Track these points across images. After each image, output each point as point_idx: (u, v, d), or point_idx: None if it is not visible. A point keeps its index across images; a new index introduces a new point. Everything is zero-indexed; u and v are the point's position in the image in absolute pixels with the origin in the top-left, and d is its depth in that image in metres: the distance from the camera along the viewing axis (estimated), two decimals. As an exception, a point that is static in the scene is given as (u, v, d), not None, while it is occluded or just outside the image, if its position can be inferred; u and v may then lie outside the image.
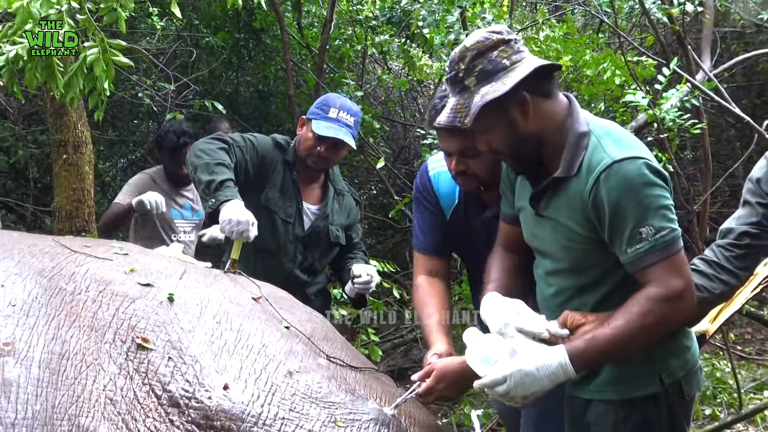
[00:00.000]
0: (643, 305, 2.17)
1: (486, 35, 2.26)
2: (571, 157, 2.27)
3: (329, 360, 2.53)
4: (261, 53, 7.28)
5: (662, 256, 2.17)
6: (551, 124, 2.30)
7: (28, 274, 2.38)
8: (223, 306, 2.56)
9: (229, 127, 6.10)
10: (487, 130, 2.30)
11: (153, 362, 2.26)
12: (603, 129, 2.31)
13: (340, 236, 3.94)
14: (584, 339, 2.20)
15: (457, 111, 2.27)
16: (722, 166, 7.39)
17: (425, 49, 6.31)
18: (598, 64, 5.15)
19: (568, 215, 2.30)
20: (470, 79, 2.25)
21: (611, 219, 2.19)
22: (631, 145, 2.25)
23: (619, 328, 2.17)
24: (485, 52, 2.24)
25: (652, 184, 2.17)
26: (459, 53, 2.29)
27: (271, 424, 2.18)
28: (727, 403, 5.28)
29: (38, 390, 2.05)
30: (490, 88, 2.21)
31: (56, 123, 4.12)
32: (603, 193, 2.18)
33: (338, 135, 3.69)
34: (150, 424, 2.14)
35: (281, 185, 3.83)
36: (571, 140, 2.28)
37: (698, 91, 4.88)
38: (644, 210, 2.16)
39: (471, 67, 2.25)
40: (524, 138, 2.29)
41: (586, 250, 2.32)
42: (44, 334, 2.19)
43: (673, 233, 2.19)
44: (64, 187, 4.15)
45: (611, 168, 2.18)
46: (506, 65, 2.23)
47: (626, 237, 2.18)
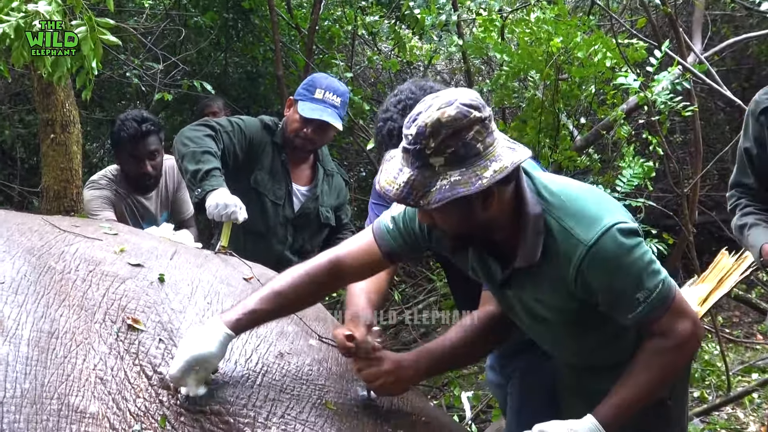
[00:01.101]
0: (660, 360, 2.20)
1: (464, 111, 2.00)
2: (532, 245, 2.16)
3: (321, 341, 2.51)
4: (249, 34, 7.21)
5: (663, 310, 2.18)
6: (505, 210, 2.16)
7: (17, 251, 2.36)
8: (214, 286, 2.54)
9: (223, 106, 6.06)
10: (440, 211, 2.10)
11: (144, 343, 2.25)
12: (556, 203, 2.18)
13: (330, 217, 3.92)
14: (611, 405, 2.19)
15: (414, 188, 2.02)
16: (711, 150, 7.38)
17: (416, 30, 6.26)
18: (589, 46, 5.12)
19: (552, 295, 2.25)
20: (438, 159, 2.00)
21: (605, 298, 2.19)
22: (594, 217, 2.15)
23: (643, 387, 2.20)
24: (461, 133, 1.99)
25: (631, 249, 2.14)
26: (431, 127, 1.99)
27: (261, 405, 2.17)
28: (716, 385, 5.30)
29: (27, 368, 2.04)
30: (460, 177, 1.98)
31: (43, 102, 4.06)
32: (590, 280, 2.15)
33: (323, 117, 3.66)
34: (140, 404, 2.13)
35: (270, 167, 3.80)
36: (525, 226, 2.16)
37: (689, 74, 4.87)
38: (635, 279, 2.14)
39: (442, 147, 1.99)
40: (477, 225, 2.14)
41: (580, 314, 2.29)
42: (33, 312, 2.17)
43: (666, 284, 2.18)
44: (51, 167, 4.09)
45: (589, 255, 2.12)
46: (479, 150, 2.01)
47: (624, 308, 2.18)
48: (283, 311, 2.38)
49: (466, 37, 6.78)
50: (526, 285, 2.26)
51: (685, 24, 6.57)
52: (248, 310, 2.28)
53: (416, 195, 2.02)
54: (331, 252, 2.44)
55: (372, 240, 2.42)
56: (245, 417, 2.14)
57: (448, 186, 1.99)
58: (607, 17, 6.26)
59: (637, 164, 4.69)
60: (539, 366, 2.75)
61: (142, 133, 4.13)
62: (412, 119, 2.05)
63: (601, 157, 5.57)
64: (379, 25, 6.77)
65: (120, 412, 2.10)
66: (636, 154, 4.82)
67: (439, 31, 6.25)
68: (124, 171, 4.25)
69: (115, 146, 4.30)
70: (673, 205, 6.58)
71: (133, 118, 4.17)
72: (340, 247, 2.46)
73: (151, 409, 2.13)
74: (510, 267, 2.24)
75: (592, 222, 2.13)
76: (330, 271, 2.39)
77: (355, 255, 2.42)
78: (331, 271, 2.39)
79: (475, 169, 2.00)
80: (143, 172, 4.17)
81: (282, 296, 2.33)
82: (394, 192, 2.05)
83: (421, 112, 2.04)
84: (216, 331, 2.21)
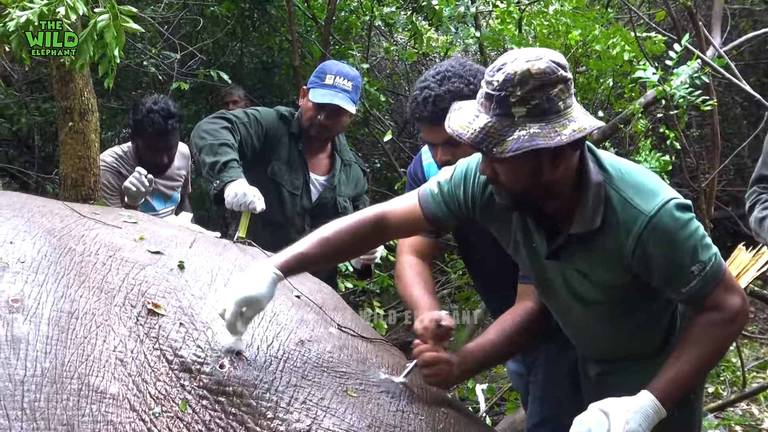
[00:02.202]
0: (713, 333, 2.20)
1: (552, 67, 2.01)
2: (592, 212, 2.17)
3: (340, 330, 2.51)
4: (265, 24, 7.21)
5: (716, 284, 2.19)
6: (568, 176, 2.17)
7: (38, 232, 2.36)
8: (234, 274, 2.54)
9: (243, 96, 6.09)
10: (509, 163, 2.10)
11: (164, 328, 2.25)
12: (617, 176, 2.20)
13: (348, 207, 3.92)
14: (667, 380, 2.18)
15: (490, 134, 2.02)
16: (728, 145, 7.35)
17: (434, 21, 6.25)
18: (607, 39, 5.10)
19: (604, 268, 2.25)
20: (520, 109, 2.00)
21: (661, 270, 2.19)
22: (652, 190, 2.17)
23: (697, 361, 2.20)
24: (547, 87, 2.00)
25: (688, 222, 2.16)
26: (520, 76, 2.00)
27: (284, 390, 2.17)
28: (731, 381, 5.28)
29: (47, 347, 2.04)
30: (540, 130, 1.99)
31: (62, 90, 4.05)
32: (649, 251, 2.15)
33: (334, 101, 3.68)
34: (161, 387, 2.13)
35: (287, 157, 3.81)
36: (587, 193, 2.17)
37: (708, 68, 4.84)
38: (692, 252, 2.15)
39: (527, 97, 2.00)
40: (539, 185, 2.14)
41: (624, 291, 2.30)
42: (53, 291, 2.18)
43: (718, 258, 2.20)
44: (69, 155, 4.08)
45: (650, 224, 2.13)
46: (560, 108, 2.02)
47: (680, 280, 2.18)
48: (327, 258, 2.45)
49: (483, 29, 6.76)
50: (576, 256, 2.26)
51: (704, 18, 6.53)
52: (297, 252, 2.35)
53: (491, 141, 2.02)
54: (378, 207, 2.50)
55: (416, 202, 2.46)
56: (268, 401, 2.13)
57: (527, 137, 1.99)
58: (625, 10, 6.23)
59: (654, 158, 4.67)
60: (563, 354, 2.75)
61: (166, 130, 4.12)
62: (497, 68, 2.05)
63: (618, 151, 5.55)
64: (396, 16, 6.76)
65: (140, 394, 2.10)
66: (652, 148, 4.81)
67: (456, 22, 6.23)
68: (140, 156, 4.24)
69: (135, 131, 4.26)
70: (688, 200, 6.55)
71: (159, 112, 4.11)
72: (387, 204, 2.51)
73: (172, 393, 2.12)
74: (560, 237, 2.25)
75: (652, 194, 2.16)
76: (374, 226, 2.44)
77: (399, 214, 2.47)
78: (375, 226, 2.44)
79: (554, 125, 2.01)
80: (158, 161, 4.21)
81: (328, 243, 2.39)
82: (469, 135, 2.05)
83: (507, 63, 2.04)
84: (265, 271, 2.25)
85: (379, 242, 2.63)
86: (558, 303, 2.44)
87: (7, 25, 2.99)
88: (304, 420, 2.12)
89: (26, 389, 1.94)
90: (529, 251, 2.37)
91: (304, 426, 2.11)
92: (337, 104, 3.69)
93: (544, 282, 2.42)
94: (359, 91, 3.84)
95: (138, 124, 4.18)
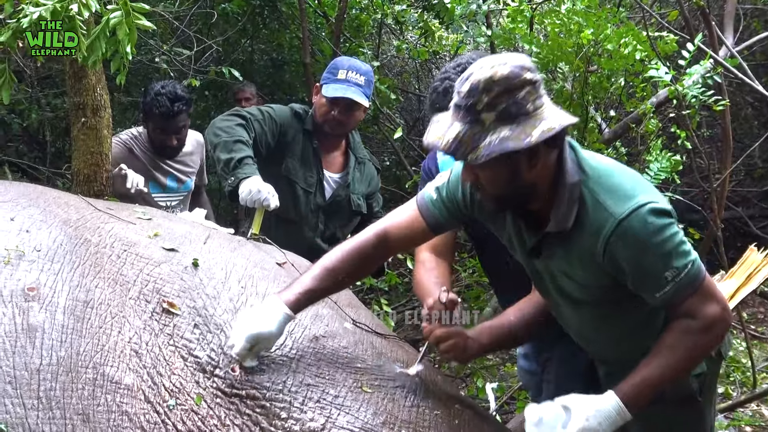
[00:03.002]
0: (687, 339, 2.19)
1: (516, 71, 2.06)
2: (565, 211, 2.19)
3: (355, 325, 2.51)
4: (276, 21, 7.21)
5: (691, 291, 2.18)
6: (547, 175, 2.20)
7: (54, 222, 2.37)
8: (248, 270, 2.55)
9: (255, 93, 6.10)
10: (486, 168, 2.14)
11: (179, 327, 2.26)
12: (593, 176, 2.21)
13: (362, 205, 3.93)
14: (634, 384, 2.19)
15: (462, 142, 2.07)
16: (738, 145, 7.32)
17: (445, 19, 6.24)
18: (619, 38, 5.08)
19: (581, 267, 2.26)
20: (489, 114, 2.06)
21: (632, 274, 2.19)
22: (628, 193, 2.18)
23: (667, 368, 2.20)
24: (513, 91, 2.06)
25: (662, 229, 2.15)
26: (484, 83, 2.06)
27: (297, 390, 2.18)
28: (740, 381, 5.27)
29: (63, 336, 2.05)
30: (510, 133, 2.04)
31: (75, 86, 4.06)
32: (618, 255, 2.16)
33: (347, 94, 3.70)
34: (176, 381, 2.13)
35: (301, 155, 3.82)
36: (562, 193, 2.20)
37: (721, 68, 4.82)
38: (663, 258, 2.15)
39: (494, 103, 2.05)
40: (520, 186, 2.18)
41: (607, 291, 2.30)
42: (69, 280, 2.18)
43: (695, 265, 2.18)
44: (82, 151, 4.09)
45: (619, 229, 2.14)
46: (529, 110, 2.07)
47: (652, 286, 2.18)
48: (336, 287, 2.45)
49: (495, 27, 6.75)
50: (556, 254, 2.28)
51: (716, 17, 6.51)
52: (305, 289, 2.35)
53: (465, 149, 2.07)
54: (377, 225, 2.50)
55: (416, 211, 2.47)
56: (281, 402, 2.14)
57: (497, 141, 2.04)
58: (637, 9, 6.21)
59: (665, 158, 4.65)
60: (576, 354, 2.75)
61: (173, 112, 4.13)
62: (465, 78, 2.11)
63: (629, 150, 5.53)
64: (407, 14, 6.75)
65: (155, 386, 2.11)
66: (663, 148, 4.79)
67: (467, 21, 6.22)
68: (151, 139, 4.27)
69: (144, 114, 4.30)
70: (698, 200, 6.54)
71: (166, 95, 4.15)
72: (385, 220, 2.51)
73: (187, 387, 2.13)
74: (541, 233, 2.27)
75: (626, 198, 2.16)
76: (377, 244, 2.45)
77: (400, 227, 2.48)
78: (378, 244, 2.45)
79: (524, 127, 2.05)
80: (169, 144, 4.23)
81: (334, 273, 2.40)
82: (444, 145, 2.10)
83: (474, 72, 2.10)
84: (276, 311, 2.28)
85: (383, 259, 2.61)
86: (551, 301, 2.47)
87: (20, 22, 3.00)
88: (318, 419, 2.14)
89: (42, 378, 1.96)
90: (520, 248, 2.40)
91: (318, 425, 2.12)
92: (350, 98, 3.70)
93: (537, 279, 2.45)
94: (372, 86, 3.85)
95: (146, 107, 4.22)
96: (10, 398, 1.89)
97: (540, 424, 2.16)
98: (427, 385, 2.37)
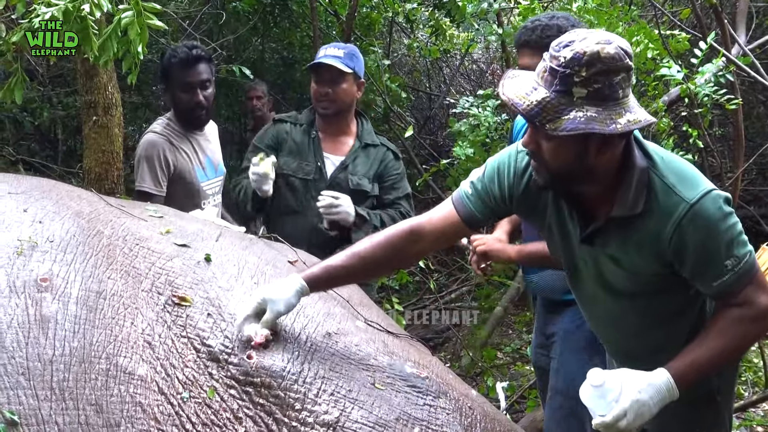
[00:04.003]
0: (738, 327, 2.20)
1: (620, 53, 2.02)
2: (634, 196, 2.17)
3: (367, 324, 2.51)
4: (287, 20, 7.23)
5: (748, 281, 2.18)
6: (612, 164, 2.17)
7: (66, 213, 2.37)
8: (260, 267, 2.55)
9: (266, 91, 6.12)
10: (554, 140, 2.09)
11: (192, 317, 2.25)
12: (661, 163, 2.19)
13: (363, 184, 3.91)
14: (685, 363, 2.19)
15: (545, 109, 2.03)
16: (750, 144, 7.30)
17: (456, 17, 6.23)
18: (630, 37, 5.06)
19: (638, 254, 2.24)
20: (581, 90, 2.01)
21: (696, 260, 2.18)
22: (695, 179, 2.18)
23: (717, 350, 2.20)
24: (612, 73, 2.01)
25: (728, 215, 2.16)
26: (589, 57, 2.00)
27: (312, 382, 2.17)
28: (752, 381, 5.24)
29: (76, 327, 2.05)
30: (597, 115, 2.00)
31: (87, 84, 4.09)
32: (686, 239, 2.15)
33: (321, 60, 3.81)
34: (189, 373, 2.13)
35: (297, 149, 3.91)
36: (630, 178, 2.17)
37: (733, 66, 4.80)
38: (728, 245, 2.15)
39: (592, 79, 2.00)
40: (582, 168, 2.14)
41: (655, 281, 2.30)
42: (81, 271, 2.18)
43: (752, 255, 2.20)
44: (93, 149, 4.13)
45: (691, 212, 2.13)
46: (619, 96, 2.02)
47: (713, 272, 2.18)
48: (359, 271, 2.43)
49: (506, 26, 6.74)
50: (612, 241, 2.26)
51: (728, 15, 6.48)
52: (325, 264, 2.36)
53: (546, 116, 2.03)
54: (412, 219, 2.51)
55: (452, 207, 2.45)
56: (296, 392, 2.13)
57: (584, 119, 2.00)
58: (648, 7, 6.19)
59: (677, 157, 4.63)
60: (579, 328, 2.88)
61: (193, 57, 3.89)
62: (564, 44, 2.05)
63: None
64: (418, 13, 6.75)
65: (168, 378, 2.10)
66: (675, 147, 4.77)
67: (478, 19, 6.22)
68: (176, 105, 3.99)
69: (165, 79, 4.03)
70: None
71: (183, 46, 4.01)
72: (421, 216, 2.50)
73: (200, 380, 2.13)
74: (597, 221, 2.25)
75: (695, 183, 2.17)
76: (409, 236, 2.43)
77: (434, 222, 2.45)
78: (409, 237, 2.43)
79: (611, 112, 2.02)
80: (196, 101, 3.91)
81: (360, 257, 2.39)
82: (525, 107, 2.05)
83: (576, 41, 2.04)
84: (291, 281, 2.30)
85: (414, 254, 2.54)
86: (586, 292, 2.44)
87: (32, 22, 3.01)
88: (333, 412, 2.13)
89: (55, 369, 1.96)
90: (562, 237, 2.37)
91: (332, 418, 2.11)
92: (326, 63, 3.79)
93: (575, 270, 2.42)
94: (355, 59, 3.90)
95: (165, 65, 3.97)
96: (24, 389, 1.90)
97: (601, 388, 2.14)
98: (438, 384, 2.37)
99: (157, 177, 3.80)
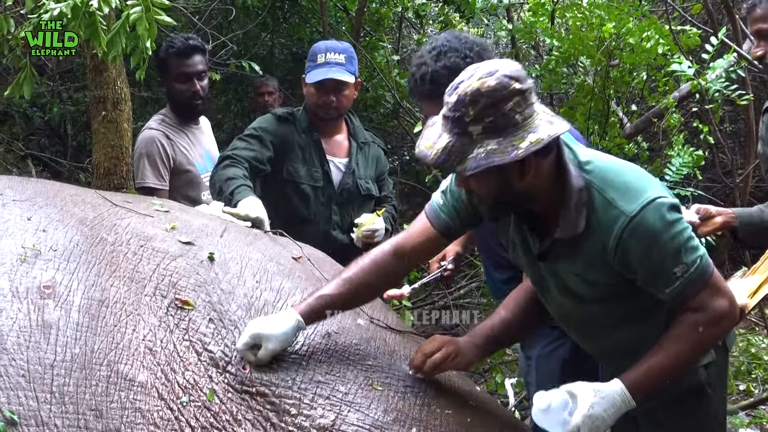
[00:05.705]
0: (694, 333, 2.19)
1: (504, 83, 2.02)
2: (574, 217, 2.18)
3: (370, 321, 2.51)
4: (296, 15, 7.22)
5: (700, 286, 2.17)
6: (544, 182, 2.17)
7: (70, 221, 2.39)
8: (263, 264, 2.55)
9: (276, 87, 6.10)
10: (476, 178, 2.12)
11: (194, 321, 2.27)
12: (599, 176, 2.19)
13: (371, 188, 3.92)
14: (639, 372, 2.20)
15: (451, 153, 2.06)
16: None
17: (466, 13, 6.22)
18: (641, 32, 5.04)
19: (591, 268, 2.24)
20: (476, 127, 2.03)
21: (644, 270, 2.18)
22: (637, 190, 2.16)
23: (673, 356, 2.20)
24: (500, 104, 2.02)
25: (672, 223, 2.14)
26: (470, 96, 2.03)
27: (307, 387, 2.18)
28: (762, 379, 5.22)
29: (77, 334, 2.07)
30: (497, 146, 2.02)
31: (96, 79, 4.09)
32: (629, 252, 2.15)
33: (329, 75, 3.71)
34: (189, 377, 2.14)
35: (302, 154, 3.81)
36: (569, 198, 2.18)
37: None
38: (674, 253, 2.14)
39: (481, 116, 2.03)
40: (513, 194, 2.16)
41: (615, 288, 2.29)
42: (84, 280, 2.20)
43: (703, 260, 2.18)
44: (102, 144, 4.13)
45: (631, 225, 2.12)
46: (517, 121, 2.03)
47: (662, 281, 2.17)
48: (352, 298, 2.41)
49: (516, 21, 6.72)
50: (563, 257, 2.26)
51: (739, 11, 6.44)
52: (318, 295, 2.35)
53: (453, 160, 2.06)
54: (392, 239, 2.51)
55: (426, 221, 2.46)
56: (290, 398, 2.15)
57: (484, 154, 2.02)
58: (659, 3, 6.16)
59: (687, 153, 4.62)
60: (553, 352, 2.85)
61: (189, 47, 3.96)
62: (454, 87, 2.09)
63: (650, 146, 5.49)
64: (427, 8, 6.73)
65: (168, 383, 2.12)
66: (685, 143, 4.75)
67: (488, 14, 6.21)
68: (173, 96, 4.07)
69: (162, 69, 4.09)
70: (720, 195, 6.47)
71: (179, 36, 4.06)
72: (401, 234, 2.52)
73: (200, 383, 2.14)
74: (548, 239, 2.26)
75: (636, 194, 2.15)
76: (393, 257, 2.43)
77: (413, 237, 2.46)
78: (393, 257, 2.43)
79: (512, 139, 2.03)
80: (193, 90, 3.98)
81: (351, 282, 2.38)
82: (432, 156, 2.09)
83: (463, 81, 2.07)
84: (287, 316, 2.28)
85: (401, 271, 2.56)
86: (555, 302, 2.44)
87: (41, 17, 3.02)
88: (328, 415, 2.14)
89: (56, 373, 1.98)
90: (524, 252, 2.39)
91: (328, 421, 2.12)
92: (332, 77, 3.71)
93: (541, 282, 2.42)
94: (354, 61, 3.86)
95: (162, 56, 4.01)
96: (23, 391, 1.91)
97: (548, 411, 2.16)
98: (439, 382, 2.36)
99: (159, 171, 3.89)
